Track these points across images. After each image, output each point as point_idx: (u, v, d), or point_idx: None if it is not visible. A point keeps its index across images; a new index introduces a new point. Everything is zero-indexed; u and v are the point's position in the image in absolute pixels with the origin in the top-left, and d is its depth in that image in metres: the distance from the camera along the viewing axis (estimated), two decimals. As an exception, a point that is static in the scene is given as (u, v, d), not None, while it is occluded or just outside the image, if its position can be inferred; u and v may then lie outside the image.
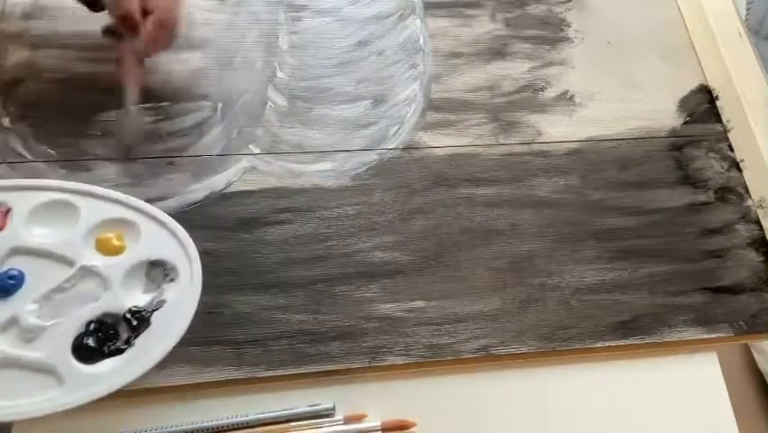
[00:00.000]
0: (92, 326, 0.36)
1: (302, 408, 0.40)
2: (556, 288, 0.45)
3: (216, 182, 0.45)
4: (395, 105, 0.50)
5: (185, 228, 0.40)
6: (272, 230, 0.44)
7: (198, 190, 0.45)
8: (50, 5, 0.49)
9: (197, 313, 0.39)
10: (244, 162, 0.46)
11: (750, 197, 0.50)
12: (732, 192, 0.50)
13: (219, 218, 0.44)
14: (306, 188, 0.46)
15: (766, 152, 0.49)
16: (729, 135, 0.52)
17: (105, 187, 0.40)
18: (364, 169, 0.47)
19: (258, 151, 0.47)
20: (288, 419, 0.39)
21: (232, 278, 0.42)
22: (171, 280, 0.38)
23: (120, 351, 0.35)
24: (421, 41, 0.53)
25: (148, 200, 0.41)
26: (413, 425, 0.40)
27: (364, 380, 0.41)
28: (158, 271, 0.38)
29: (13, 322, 0.35)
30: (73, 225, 0.38)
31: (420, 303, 0.43)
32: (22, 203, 0.38)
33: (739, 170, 0.51)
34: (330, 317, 0.42)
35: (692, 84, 0.54)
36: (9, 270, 0.36)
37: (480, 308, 0.43)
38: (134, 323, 0.36)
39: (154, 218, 0.39)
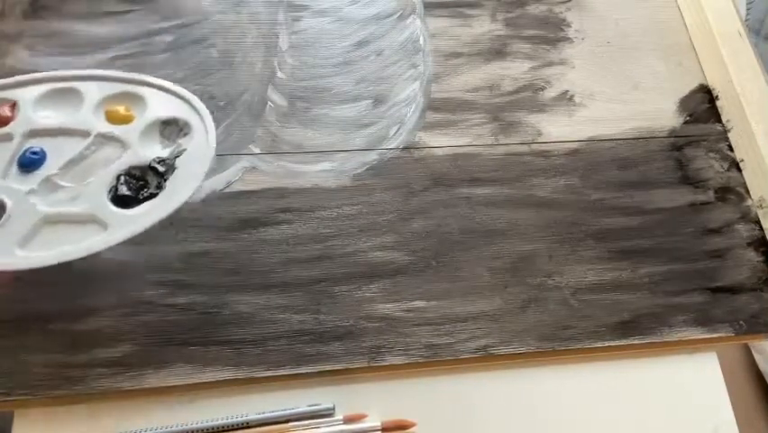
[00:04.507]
0: (122, 178, 0.37)
1: (302, 408, 0.40)
2: (556, 288, 0.45)
3: (216, 182, 0.45)
4: (395, 105, 0.50)
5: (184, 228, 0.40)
6: (272, 230, 0.44)
7: (198, 190, 0.44)
8: (50, 5, 0.49)
9: (197, 312, 0.39)
10: (244, 162, 0.46)
11: (750, 196, 0.50)
12: (732, 192, 0.50)
13: (219, 218, 0.44)
14: (306, 188, 0.46)
15: (766, 151, 0.49)
16: (729, 135, 0.52)
17: None
18: (364, 169, 0.47)
19: (258, 151, 0.47)
20: (288, 419, 0.39)
21: (232, 278, 0.42)
22: (186, 134, 0.40)
23: (153, 195, 0.37)
24: (421, 41, 0.53)
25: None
26: (413, 425, 0.40)
27: (364, 380, 0.41)
28: (171, 128, 0.40)
29: (45, 187, 0.37)
30: (79, 106, 0.39)
31: (420, 303, 0.43)
32: (26, 95, 0.39)
33: (739, 169, 0.51)
34: (330, 318, 0.42)
35: (692, 84, 0.54)
36: (29, 147, 0.38)
37: (480, 308, 0.43)
38: (161, 169, 0.38)
39: (157, 86, 0.40)
